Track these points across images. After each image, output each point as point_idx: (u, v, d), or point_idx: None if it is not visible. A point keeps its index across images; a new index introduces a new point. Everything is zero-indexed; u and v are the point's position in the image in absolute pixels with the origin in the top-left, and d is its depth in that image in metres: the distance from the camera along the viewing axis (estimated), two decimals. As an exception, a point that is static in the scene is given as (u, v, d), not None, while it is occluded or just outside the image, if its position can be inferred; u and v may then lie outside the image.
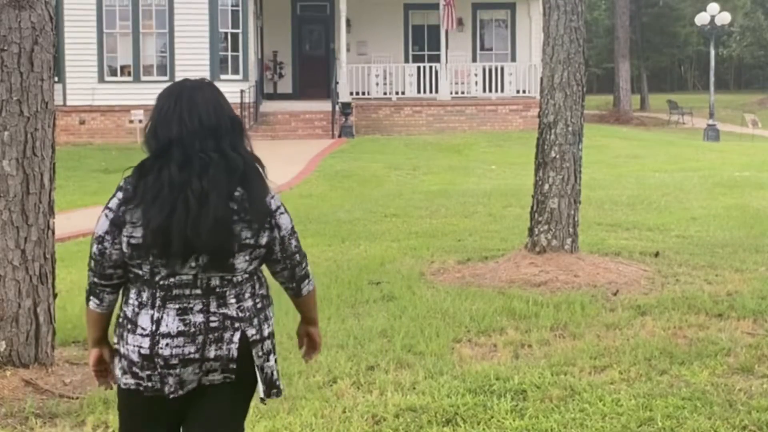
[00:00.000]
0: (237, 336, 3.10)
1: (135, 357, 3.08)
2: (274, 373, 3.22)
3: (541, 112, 9.27)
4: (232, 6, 26.01)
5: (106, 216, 3.10)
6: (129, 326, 3.10)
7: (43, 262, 6.00)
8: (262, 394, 3.21)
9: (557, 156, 9.10)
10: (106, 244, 3.09)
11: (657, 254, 9.88)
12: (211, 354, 3.08)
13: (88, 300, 3.20)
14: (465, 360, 6.24)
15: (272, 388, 3.23)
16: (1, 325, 5.87)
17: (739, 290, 8.14)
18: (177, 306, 3.07)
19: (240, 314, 3.12)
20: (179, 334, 3.05)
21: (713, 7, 32.38)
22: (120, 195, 3.08)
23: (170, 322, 3.06)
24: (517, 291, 8.20)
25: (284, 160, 21.28)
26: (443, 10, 27.38)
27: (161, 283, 3.07)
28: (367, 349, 6.46)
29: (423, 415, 5.19)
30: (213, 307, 3.08)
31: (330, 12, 30.05)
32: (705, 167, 20.07)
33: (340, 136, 25.33)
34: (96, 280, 3.15)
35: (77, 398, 5.56)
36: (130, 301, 3.12)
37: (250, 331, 3.14)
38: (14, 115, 5.84)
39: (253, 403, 5.32)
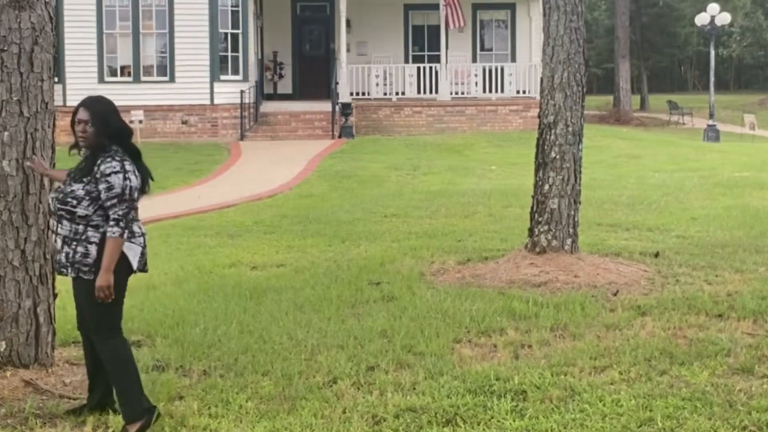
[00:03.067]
0: None
1: (141, 249, 5.11)
2: None
3: (541, 112, 9.27)
4: (232, 6, 26.01)
5: (135, 175, 5.03)
6: (130, 233, 5.03)
7: (43, 263, 6.00)
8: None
9: (557, 156, 9.11)
10: (137, 191, 5.05)
11: (657, 255, 9.88)
12: None
13: (122, 234, 4.94)
14: (465, 360, 6.25)
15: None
16: (1, 326, 5.87)
17: (739, 290, 8.14)
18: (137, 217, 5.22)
19: None
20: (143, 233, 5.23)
21: (713, 8, 32.37)
22: (127, 164, 5.02)
23: (141, 225, 5.20)
24: (517, 291, 8.21)
25: (284, 161, 21.29)
26: (444, 11, 27.36)
27: (136, 206, 5.14)
28: (367, 350, 6.47)
29: (423, 416, 5.19)
30: None
31: (330, 12, 30.05)
32: (705, 167, 20.06)
33: (340, 137, 25.32)
34: (132, 215, 5.02)
35: (77, 399, 5.56)
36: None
37: None
38: (14, 116, 5.84)
39: (252, 403, 5.45)
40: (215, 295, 8.29)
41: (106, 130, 5.03)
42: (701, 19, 32.65)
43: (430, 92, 27.83)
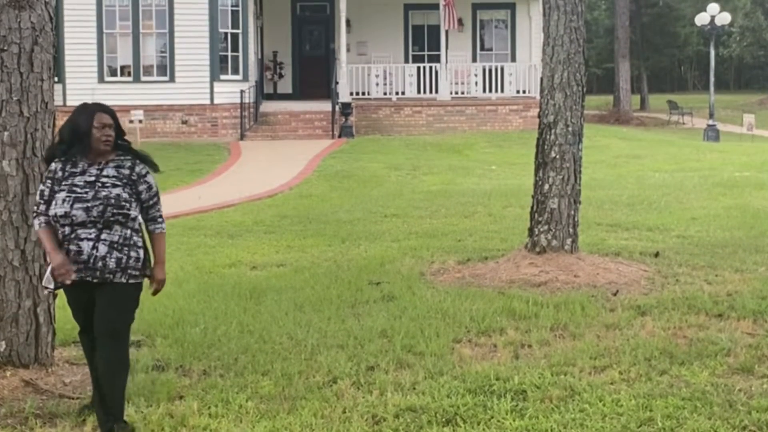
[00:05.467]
0: None
1: None
2: None
3: (541, 112, 9.27)
4: (232, 6, 26.01)
5: None
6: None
7: (43, 263, 5.99)
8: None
9: (557, 156, 9.11)
10: None
11: (657, 254, 9.88)
12: None
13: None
14: (465, 360, 6.25)
15: None
16: (1, 326, 5.87)
17: (739, 290, 8.14)
18: None
19: None
20: None
21: (713, 8, 32.37)
22: None
23: None
24: (517, 291, 8.21)
25: (284, 160, 21.29)
26: (443, 11, 27.36)
27: None
28: (367, 350, 6.47)
29: (423, 416, 5.19)
30: None
31: (330, 12, 30.04)
32: (705, 167, 20.06)
33: (340, 137, 25.32)
34: None
35: (77, 398, 5.56)
36: None
37: None
38: (14, 116, 5.84)
39: (252, 403, 5.44)
40: (215, 295, 8.29)
41: (119, 132, 5.24)
42: (701, 19, 32.64)
43: (430, 92, 27.83)
